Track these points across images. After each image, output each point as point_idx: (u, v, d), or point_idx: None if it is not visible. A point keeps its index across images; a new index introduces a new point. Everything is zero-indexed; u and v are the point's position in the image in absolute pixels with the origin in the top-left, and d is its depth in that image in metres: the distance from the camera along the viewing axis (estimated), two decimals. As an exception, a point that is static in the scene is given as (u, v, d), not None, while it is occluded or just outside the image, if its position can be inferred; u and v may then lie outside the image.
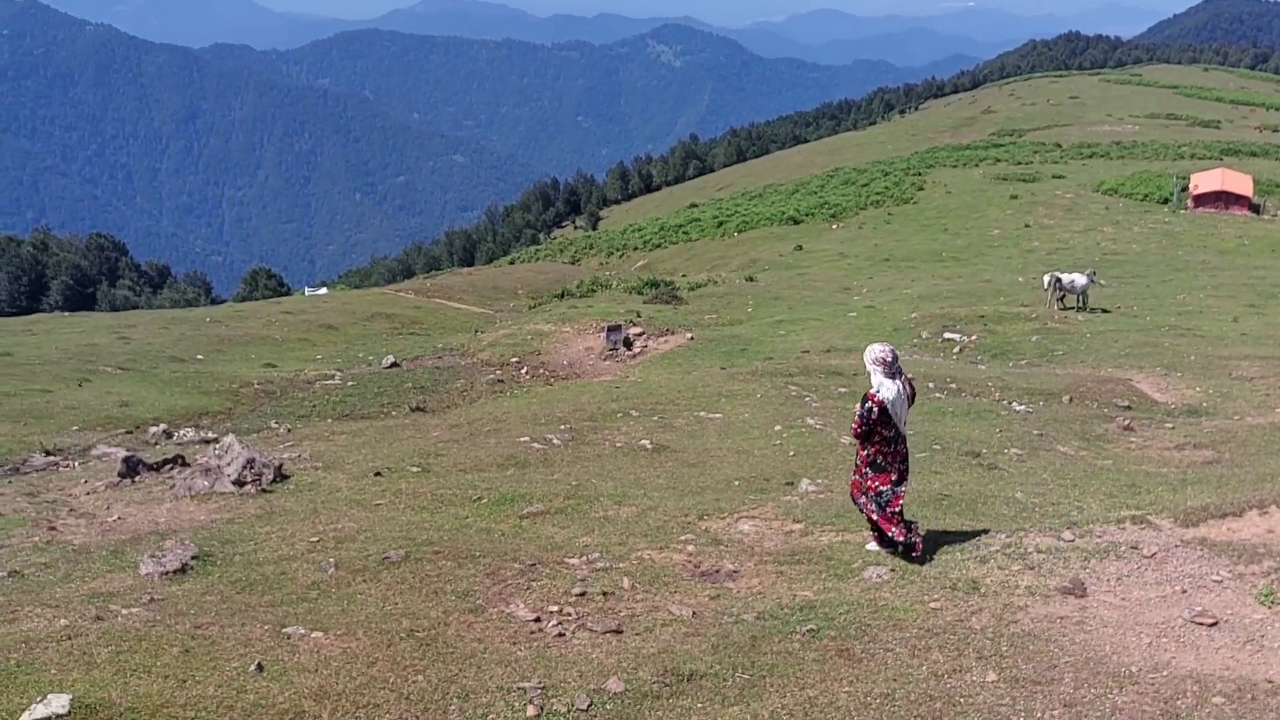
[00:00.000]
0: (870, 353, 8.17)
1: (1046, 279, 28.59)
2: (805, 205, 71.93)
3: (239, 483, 10.43)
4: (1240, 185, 58.66)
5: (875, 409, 7.97)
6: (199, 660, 5.94)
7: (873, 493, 8.20)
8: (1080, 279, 27.91)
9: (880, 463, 8.18)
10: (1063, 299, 28.14)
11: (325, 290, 71.30)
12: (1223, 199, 57.84)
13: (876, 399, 7.97)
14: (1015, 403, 16.53)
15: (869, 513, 8.29)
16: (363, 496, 10.48)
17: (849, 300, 33.63)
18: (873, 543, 8.42)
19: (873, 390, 8.04)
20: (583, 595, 7.51)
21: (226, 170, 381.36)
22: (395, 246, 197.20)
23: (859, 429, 8.09)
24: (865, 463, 8.23)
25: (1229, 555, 7.64)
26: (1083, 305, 27.90)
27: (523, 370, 25.62)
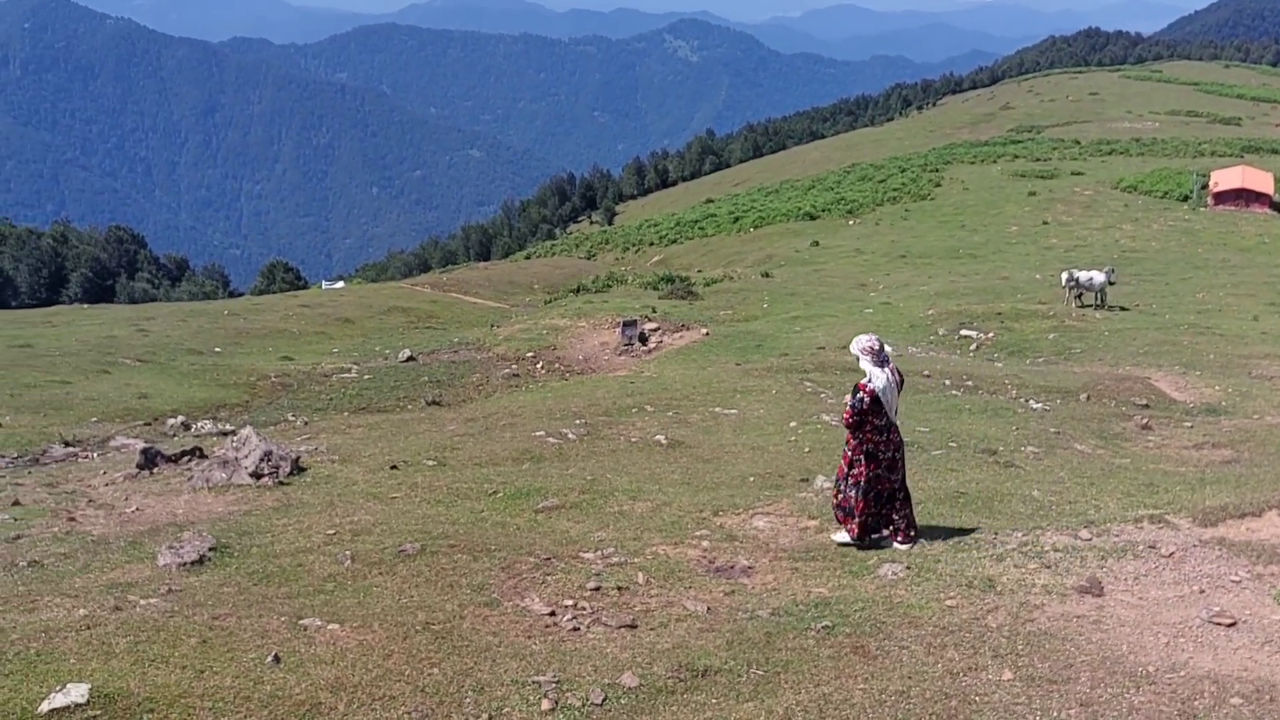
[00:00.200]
0: (858, 343, 8.36)
1: (1064, 276, 28.43)
2: (822, 201, 71.71)
3: (256, 475, 10.49)
4: (1261, 183, 58.13)
5: (867, 398, 8.16)
6: (216, 651, 5.98)
7: (863, 481, 8.36)
8: (1099, 276, 27.73)
9: (873, 450, 8.34)
10: (1080, 296, 27.99)
11: (342, 284, 71.53)
12: (1243, 197, 57.34)
13: (868, 388, 8.15)
14: (1032, 400, 16.46)
15: (841, 500, 8.47)
16: (379, 489, 10.53)
17: (865, 297, 33.52)
18: (843, 534, 8.61)
19: (864, 380, 8.20)
20: (597, 590, 7.52)
21: (245, 164, 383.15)
22: (412, 241, 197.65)
23: (851, 418, 8.29)
24: (858, 451, 8.38)
25: (1248, 555, 7.58)
26: (1101, 303, 27.73)
27: (538, 365, 25.65)
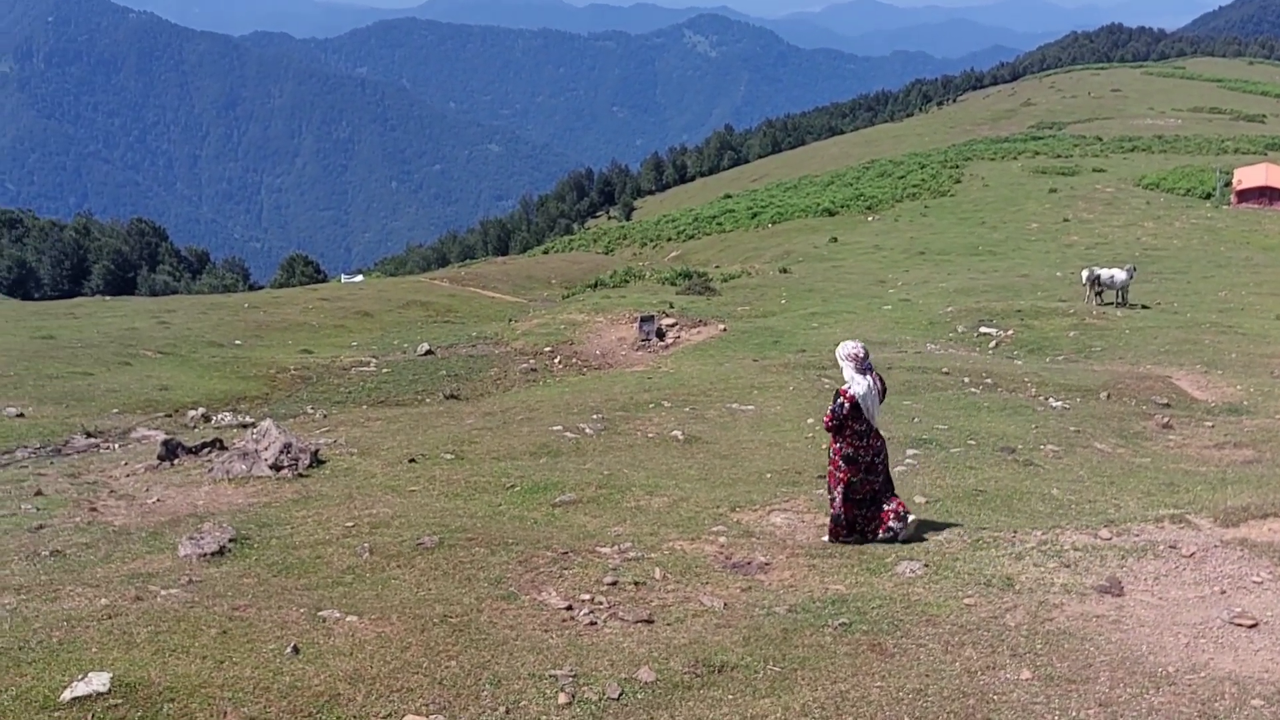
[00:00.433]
0: (843, 349, 8.53)
1: (1084, 274, 28.24)
2: (841, 197, 71.42)
3: (276, 467, 10.55)
4: (1285, 181, 57.54)
5: (846, 404, 8.34)
6: (236, 641, 6.02)
7: (843, 484, 8.53)
8: (1120, 274, 27.53)
9: (852, 455, 8.50)
10: (1101, 294, 27.79)
11: (361, 278, 71.83)
12: (1267, 194, 56.71)
13: (848, 394, 8.34)
14: (1052, 399, 16.36)
15: (835, 508, 8.62)
16: (397, 482, 10.57)
17: (884, 293, 33.38)
18: (825, 535, 8.75)
19: (844, 386, 8.41)
20: (614, 584, 7.53)
21: (265, 158, 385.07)
22: (431, 235, 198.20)
23: (830, 423, 8.47)
24: (838, 454, 8.55)
25: (1270, 556, 7.52)
26: (1122, 301, 27.54)
27: (556, 360, 25.69)
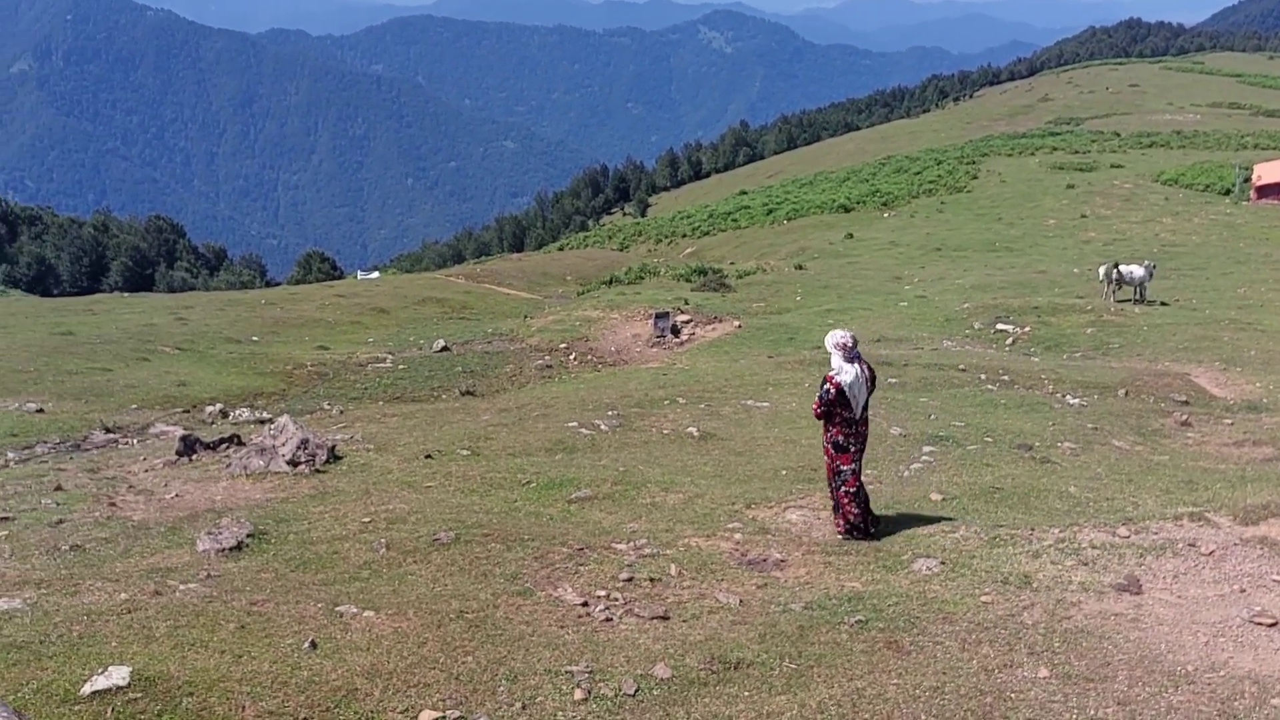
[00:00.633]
0: (832, 338, 8.57)
1: (1101, 270, 28.05)
2: (856, 193, 71.19)
3: (293, 463, 10.60)
4: (1305, 177, 57.02)
5: (833, 390, 8.41)
6: (254, 636, 6.06)
7: (834, 472, 8.66)
8: (1138, 270, 27.35)
9: (842, 443, 8.59)
10: (1121, 288, 27.59)
11: (377, 274, 71.86)
12: (1287, 190, 56.26)
13: (834, 381, 8.40)
14: (1069, 396, 16.28)
15: (836, 496, 8.71)
16: (413, 478, 10.60)
17: (900, 290, 33.26)
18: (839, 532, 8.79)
19: (832, 373, 8.46)
20: (630, 581, 7.54)
21: (282, 154, 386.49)
22: (446, 231, 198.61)
23: (818, 410, 8.56)
24: (829, 442, 8.64)
25: (1290, 555, 7.47)
26: (1140, 297, 27.37)
27: (571, 356, 25.71)
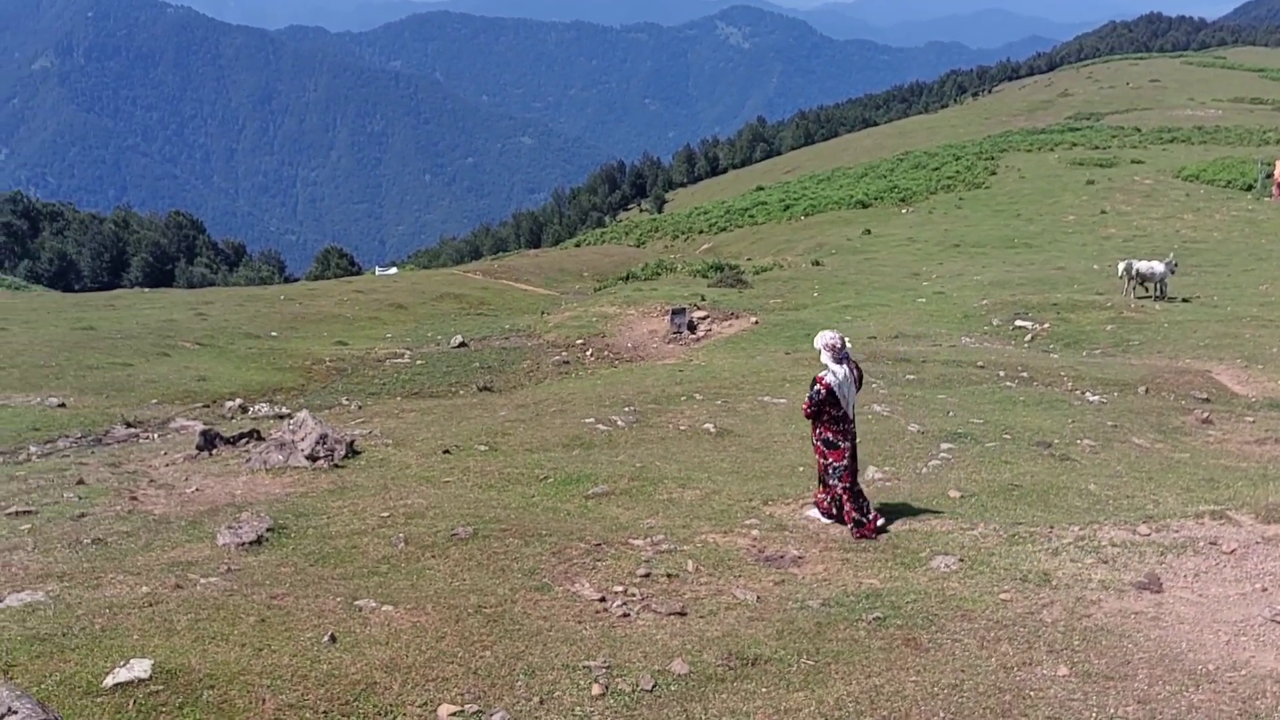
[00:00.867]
0: (821, 338, 8.79)
1: (1121, 266, 27.85)
2: (874, 189, 70.89)
3: (312, 458, 10.65)
4: (1329, 173, 56.42)
5: (823, 390, 8.61)
6: (274, 630, 6.09)
7: (825, 469, 8.82)
8: (1159, 266, 27.13)
9: (832, 440, 8.78)
10: (1143, 285, 27.35)
11: (395, 270, 72.09)
12: (1310, 186, 55.71)
13: (824, 381, 8.61)
14: (1089, 393, 16.19)
15: (834, 491, 8.86)
16: (432, 473, 10.64)
17: (918, 286, 33.12)
18: (815, 512, 9.06)
19: (821, 373, 8.68)
20: (647, 576, 7.55)
21: (300, 151, 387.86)
22: (463, 227, 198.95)
23: (808, 409, 8.76)
24: (819, 439, 8.81)
25: (1313, 554, 7.41)
26: (1161, 294, 27.16)
27: (588, 352, 25.72)
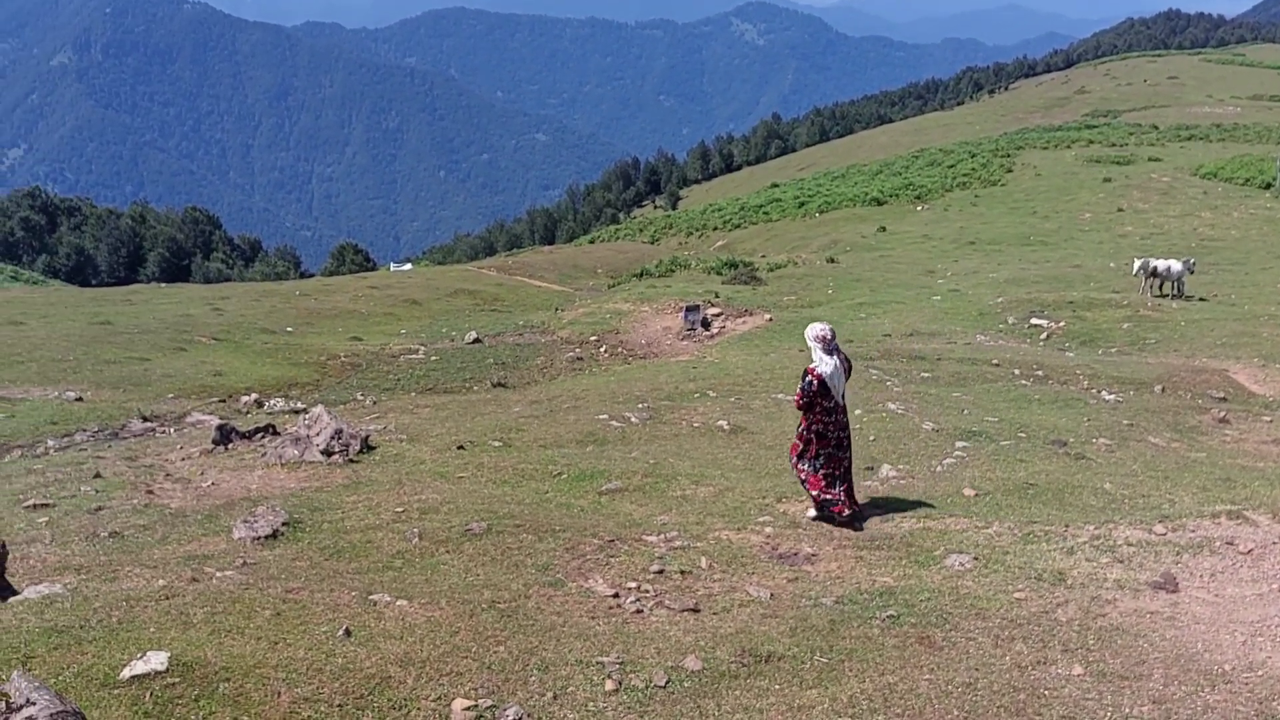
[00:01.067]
0: (811, 331, 8.89)
1: (1136, 264, 27.68)
2: (889, 186, 70.66)
3: (327, 452, 10.69)
4: (1349, 170, 55.90)
5: (815, 381, 8.71)
6: (290, 623, 6.12)
7: (811, 457, 8.87)
8: (1175, 265, 26.96)
9: (822, 430, 8.86)
10: (1161, 285, 27.18)
11: (410, 266, 72.40)
12: (1330, 184, 55.21)
13: (815, 372, 8.70)
14: (1104, 391, 16.11)
15: (803, 476, 8.95)
16: (446, 469, 10.67)
17: (933, 284, 33.02)
18: (812, 510, 9.01)
19: (812, 365, 8.75)
20: (661, 573, 7.55)
21: (316, 147, 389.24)
22: (478, 224, 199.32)
23: (801, 401, 8.83)
24: (809, 430, 8.86)
25: (1331, 554, 7.36)
26: (1178, 292, 27.00)
27: (601, 349, 25.74)
